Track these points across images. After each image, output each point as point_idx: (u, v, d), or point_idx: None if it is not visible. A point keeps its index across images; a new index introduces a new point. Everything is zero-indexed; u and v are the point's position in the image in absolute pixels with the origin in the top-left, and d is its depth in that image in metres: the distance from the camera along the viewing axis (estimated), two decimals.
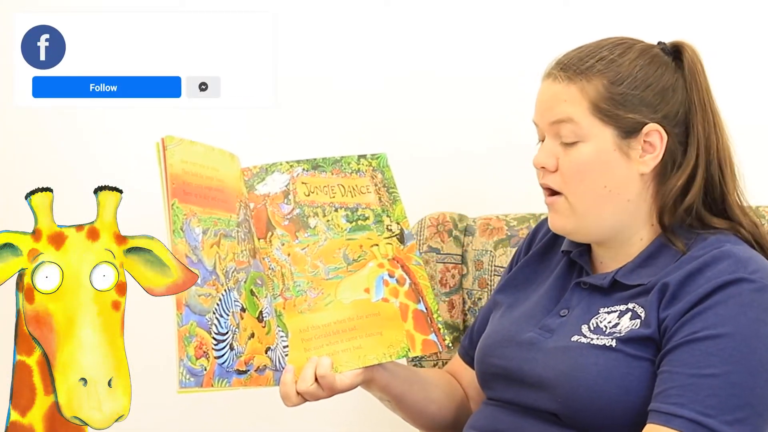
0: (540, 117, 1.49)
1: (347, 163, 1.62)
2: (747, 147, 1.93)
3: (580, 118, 1.45)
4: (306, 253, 1.56)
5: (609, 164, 1.45)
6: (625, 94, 1.45)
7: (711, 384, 1.33)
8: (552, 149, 1.47)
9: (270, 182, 1.58)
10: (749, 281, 1.38)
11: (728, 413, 1.32)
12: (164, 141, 1.42)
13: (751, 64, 1.98)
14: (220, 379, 1.39)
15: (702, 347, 1.35)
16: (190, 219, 1.40)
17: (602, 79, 1.45)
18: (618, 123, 1.45)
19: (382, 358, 1.52)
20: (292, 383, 1.47)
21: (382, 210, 1.61)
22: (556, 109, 1.46)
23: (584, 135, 1.45)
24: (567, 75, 1.46)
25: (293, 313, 1.53)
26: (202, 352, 1.36)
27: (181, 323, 1.35)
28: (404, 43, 2.09)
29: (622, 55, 1.47)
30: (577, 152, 1.45)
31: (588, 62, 1.46)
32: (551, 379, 1.44)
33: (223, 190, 1.49)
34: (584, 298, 1.50)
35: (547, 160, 1.47)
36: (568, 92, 1.46)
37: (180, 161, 1.42)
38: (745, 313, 1.36)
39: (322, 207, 1.59)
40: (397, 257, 1.59)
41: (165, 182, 1.40)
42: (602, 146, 1.45)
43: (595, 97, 1.44)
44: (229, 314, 1.41)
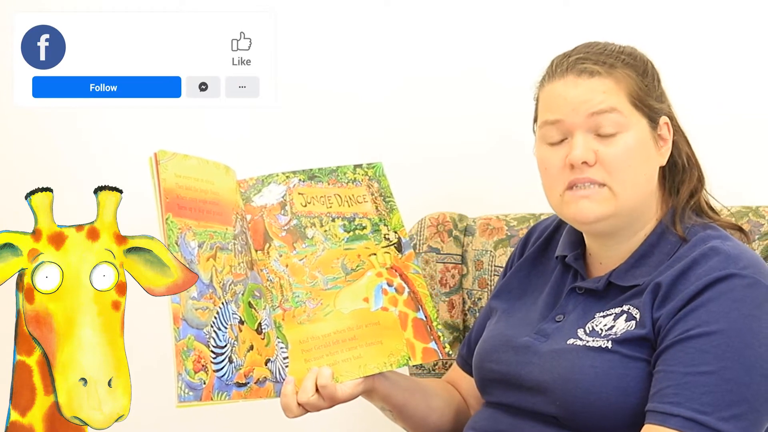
0: (572, 112, 1.46)
1: (343, 172, 1.62)
2: (747, 147, 1.94)
3: (622, 108, 1.45)
4: (304, 263, 1.56)
5: (648, 153, 1.47)
6: (650, 86, 1.48)
7: (706, 381, 1.33)
8: (589, 143, 1.45)
9: (266, 194, 1.58)
10: (740, 277, 1.38)
11: (724, 410, 1.32)
12: (157, 156, 1.41)
13: (752, 65, 1.98)
14: (220, 392, 1.38)
15: (696, 345, 1.35)
16: (185, 233, 1.39)
17: (631, 71, 1.47)
18: (650, 113, 1.47)
19: (383, 367, 1.52)
20: (293, 394, 1.47)
21: (379, 219, 1.61)
22: (594, 101, 1.45)
23: (626, 125, 1.45)
24: (600, 68, 1.46)
25: (292, 324, 1.52)
26: (200, 366, 1.35)
27: (178, 337, 1.34)
28: (405, 42, 2.09)
29: (633, 51, 1.50)
30: (622, 142, 1.45)
31: (612, 57, 1.47)
32: (549, 383, 1.44)
33: (218, 202, 1.48)
34: (580, 303, 1.50)
35: (588, 155, 1.44)
36: (605, 84, 1.46)
37: (173, 175, 1.41)
38: (738, 308, 1.36)
39: (319, 217, 1.59)
40: (395, 266, 1.59)
41: (159, 197, 1.39)
42: (641, 136, 1.46)
43: (631, 88, 1.46)
44: (227, 327, 1.41)
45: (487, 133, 2.06)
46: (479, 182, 2.07)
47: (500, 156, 2.03)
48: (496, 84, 2.03)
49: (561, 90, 1.47)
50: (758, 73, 1.97)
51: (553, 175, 1.48)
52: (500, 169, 2.04)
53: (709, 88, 1.96)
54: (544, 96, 1.50)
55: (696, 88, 1.94)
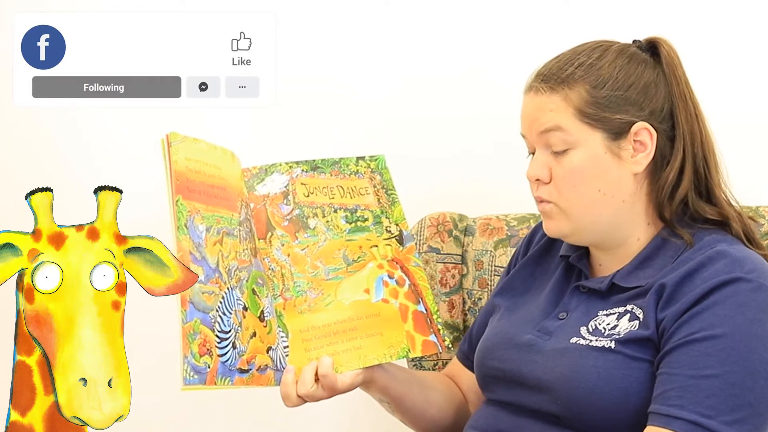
0: (527, 129, 1.49)
1: (346, 164, 1.62)
2: (747, 147, 1.94)
3: (567, 125, 1.45)
4: (306, 253, 1.56)
5: (601, 168, 1.46)
6: (609, 97, 1.45)
7: (710, 385, 1.33)
8: (544, 160, 1.47)
9: (269, 183, 1.58)
10: (746, 281, 1.38)
11: (727, 414, 1.32)
12: (168, 137, 1.42)
13: (752, 65, 1.98)
14: (223, 377, 1.38)
15: (700, 348, 1.35)
16: (193, 216, 1.40)
17: (584, 85, 1.45)
18: (606, 126, 1.45)
19: (383, 359, 1.52)
20: (292, 384, 1.47)
21: (381, 211, 1.61)
22: (542, 119, 1.46)
23: (573, 141, 1.45)
24: (549, 85, 1.46)
25: (293, 314, 1.52)
26: (205, 350, 1.36)
27: (185, 320, 1.34)
28: (405, 42, 2.09)
29: (600, 58, 1.47)
30: (569, 159, 1.45)
31: (567, 70, 1.46)
32: (551, 382, 1.44)
33: (225, 188, 1.49)
34: (583, 301, 1.50)
35: (541, 171, 1.47)
36: (552, 102, 1.46)
37: (184, 158, 1.42)
38: (743, 312, 1.36)
39: (322, 208, 1.59)
40: (397, 258, 1.59)
41: (170, 178, 1.40)
42: (593, 151, 1.45)
43: (579, 103, 1.45)
44: (231, 312, 1.41)
45: (487, 133, 2.06)
46: (479, 182, 2.07)
47: (500, 156, 2.03)
48: (496, 84, 2.03)
49: (523, 106, 1.51)
50: (758, 73, 1.97)
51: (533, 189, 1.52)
52: (500, 169, 2.04)
53: (709, 88, 1.95)
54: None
55: (696, 88, 1.94)
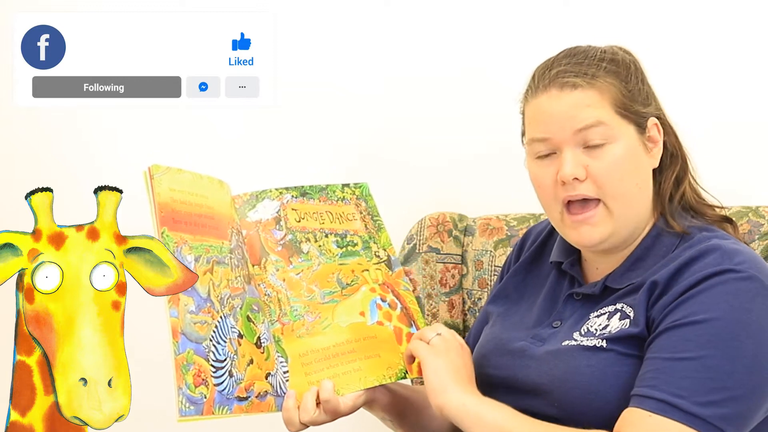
0: (558, 128, 1.44)
1: (332, 191, 1.63)
2: (747, 147, 1.94)
3: (608, 120, 1.43)
4: (301, 277, 1.56)
5: (638, 161, 1.45)
6: (634, 90, 1.46)
7: (685, 366, 1.33)
8: (578, 158, 1.44)
9: (261, 209, 1.58)
10: (735, 272, 1.37)
11: (701, 395, 1.32)
12: (151, 170, 1.40)
13: (752, 65, 1.99)
14: (221, 407, 1.37)
15: (681, 333, 1.35)
16: (181, 247, 1.38)
17: (614, 79, 1.45)
18: (637, 119, 1.45)
19: (383, 380, 1.52)
20: (294, 409, 1.46)
21: (369, 237, 1.62)
22: (580, 116, 1.43)
23: (613, 136, 1.43)
24: (582, 80, 1.44)
25: (292, 338, 1.52)
26: (200, 380, 1.35)
27: (177, 351, 1.33)
28: (404, 43, 2.09)
29: (614, 56, 1.47)
30: (610, 154, 1.43)
31: (593, 66, 1.45)
32: (546, 385, 1.44)
33: (213, 216, 1.47)
34: (577, 308, 1.50)
35: (578, 170, 1.43)
36: (588, 97, 1.44)
37: (168, 189, 1.41)
38: (729, 300, 1.36)
39: (313, 233, 1.59)
40: (387, 282, 1.59)
41: (154, 211, 1.39)
42: (630, 144, 1.45)
43: (615, 97, 1.44)
44: (226, 341, 1.40)
45: (487, 133, 2.06)
46: (479, 182, 2.07)
47: (500, 156, 2.03)
48: (496, 84, 2.03)
49: (546, 106, 1.45)
50: (758, 73, 1.97)
51: (547, 192, 1.47)
52: (500, 169, 2.04)
53: (709, 88, 1.96)
54: (530, 112, 1.48)
55: (696, 89, 1.94)
